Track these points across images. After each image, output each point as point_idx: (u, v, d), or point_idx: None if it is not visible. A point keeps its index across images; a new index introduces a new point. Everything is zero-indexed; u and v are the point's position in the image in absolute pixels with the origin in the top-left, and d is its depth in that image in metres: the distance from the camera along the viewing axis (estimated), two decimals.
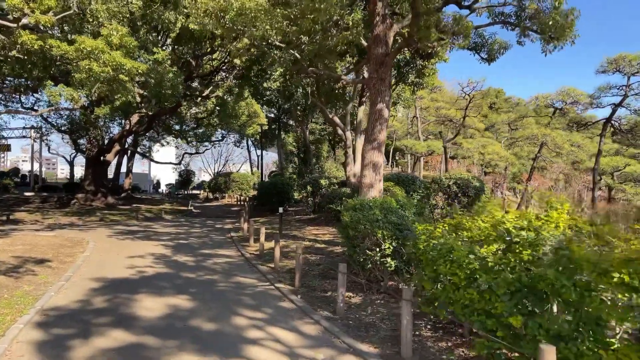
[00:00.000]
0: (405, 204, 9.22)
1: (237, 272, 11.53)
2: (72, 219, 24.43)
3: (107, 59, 14.20)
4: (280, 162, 52.87)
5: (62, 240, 16.05)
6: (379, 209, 8.47)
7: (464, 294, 5.22)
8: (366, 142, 13.12)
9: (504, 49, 15.02)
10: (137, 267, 11.83)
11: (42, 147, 58.05)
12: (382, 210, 8.51)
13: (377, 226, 7.95)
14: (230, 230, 20.77)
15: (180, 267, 12.13)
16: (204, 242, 17.18)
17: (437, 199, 15.00)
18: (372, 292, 8.75)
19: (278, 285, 9.80)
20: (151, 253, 14.14)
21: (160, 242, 16.82)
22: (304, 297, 8.89)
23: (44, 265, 11.73)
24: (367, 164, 13.04)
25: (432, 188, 15.51)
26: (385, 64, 12.85)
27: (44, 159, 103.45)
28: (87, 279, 10.40)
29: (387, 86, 12.99)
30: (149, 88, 24.26)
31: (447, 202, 14.95)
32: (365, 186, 12.99)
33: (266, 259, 13.08)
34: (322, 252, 13.52)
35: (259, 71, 30.74)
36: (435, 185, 15.53)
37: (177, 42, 29.48)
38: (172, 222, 25.31)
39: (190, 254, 14.27)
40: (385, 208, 8.70)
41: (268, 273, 11.17)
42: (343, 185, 22.53)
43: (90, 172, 33.71)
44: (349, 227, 8.47)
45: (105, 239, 17.24)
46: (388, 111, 13.16)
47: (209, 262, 13.01)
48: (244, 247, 15.40)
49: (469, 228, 5.81)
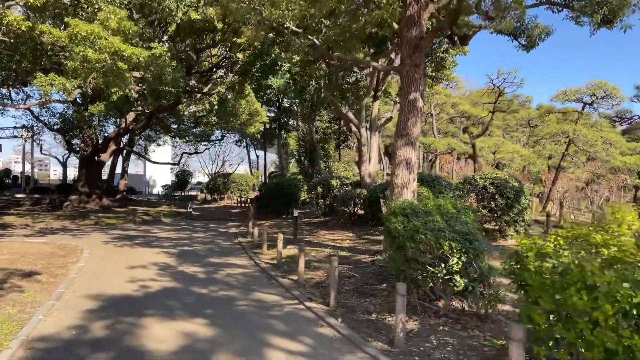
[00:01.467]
0: (462, 209, 7.72)
1: (256, 287, 10.00)
2: (65, 223, 22.79)
3: (103, 44, 12.62)
4: (280, 163, 51.35)
5: (54, 248, 14.45)
6: (439, 215, 6.97)
7: (609, 335, 3.73)
8: (398, 137, 11.63)
9: (545, 35, 13.59)
10: (140, 281, 10.27)
11: (33, 148, 56.17)
12: (443, 216, 7.02)
13: (442, 236, 6.45)
14: (237, 235, 19.22)
15: (189, 280, 10.59)
16: (211, 249, 15.62)
17: (472, 202, 13.51)
18: (428, 314, 7.24)
19: (309, 305, 8.27)
20: (154, 262, 12.58)
21: (162, 249, 15.26)
22: (345, 320, 7.36)
23: (32, 279, 10.15)
24: (399, 161, 11.55)
25: (464, 189, 14.02)
26: (420, 49, 11.38)
27: (36, 160, 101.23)
28: (81, 297, 8.84)
29: (421, 73, 11.52)
30: (147, 82, 22.67)
31: (482, 204, 13.49)
32: (397, 186, 11.50)
33: (285, 270, 11.55)
34: (348, 262, 12.00)
35: (262, 66, 29.23)
36: (467, 185, 14.03)
37: (177, 35, 27.89)
38: (172, 226, 23.71)
39: (198, 263, 12.72)
40: (444, 213, 7.21)
41: (292, 288, 9.65)
42: (357, 186, 21.04)
43: (84, 173, 32.02)
44: (403, 237, 6.95)
45: (101, 245, 15.65)
46: (423, 102, 11.69)
47: (221, 273, 11.47)
48: (257, 255, 13.86)
49: (605, 243, 4.32)
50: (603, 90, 28.27)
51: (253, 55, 27.96)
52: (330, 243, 15.36)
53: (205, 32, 27.68)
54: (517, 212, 13.15)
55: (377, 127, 21.76)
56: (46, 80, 13.06)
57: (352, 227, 18.87)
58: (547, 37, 13.75)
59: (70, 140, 35.99)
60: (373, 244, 14.71)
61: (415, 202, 7.91)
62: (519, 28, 13.38)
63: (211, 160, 73.44)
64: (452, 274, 6.47)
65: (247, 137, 45.20)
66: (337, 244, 15.03)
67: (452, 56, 20.63)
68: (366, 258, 12.18)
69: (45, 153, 68.40)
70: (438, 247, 6.47)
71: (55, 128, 35.79)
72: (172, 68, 21.51)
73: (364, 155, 20.47)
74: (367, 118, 21.46)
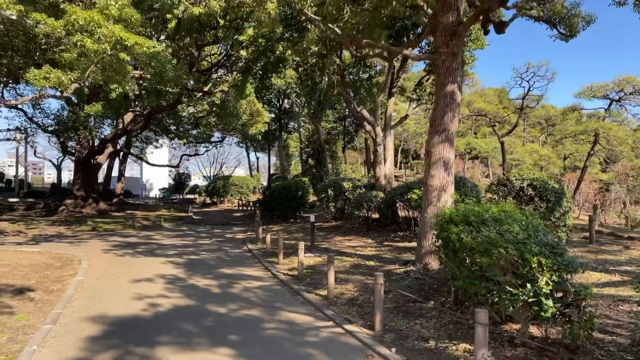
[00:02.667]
0: (531, 216, 6.55)
1: (280, 304, 8.78)
2: (61, 229, 21.49)
3: (104, 33, 11.38)
4: (281, 165, 50.16)
5: (49, 258, 13.18)
6: (516, 223, 5.79)
7: None
8: (433, 134, 10.46)
9: (586, 23, 12.47)
10: (147, 298, 9.04)
11: (27, 150, 54.71)
12: (521, 225, 5.84)
13: (527, 250, 5.26)
14: (245, 242, 17.98)
15: (202, 295, 9.36)
16: (220, 258, 14.38)
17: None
18: (499, 342, 6.05)
19: (350, 329, 7.06)
20: (160, 274, 11.34)
21: (168, 258, 14.02)
22: (400, 350, 6.16)
23: (24, 297, 8.90)
24: (435, 160, 10.39)
25: (498, 191, 12.84)
26: (458, 35, 10.23)
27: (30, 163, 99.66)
28: (82, 319, 7.61)
29: (459, 63, 10.38)
30: (147, 80, 21.44)
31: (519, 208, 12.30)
32: (433, 189, 10.32)
33: (309, 283, 10.34)
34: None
35: (266, 64, 28.03)
36: (501, 187, 12.86)
37: (177, 33, 26.66)
38: (174, 232, 22.44)
39: (209, 275, 11.49)
40: (518, 220, 6.04)
41: (323, 305, 8.43)
42: (371, 188, 19.84)
43: (79, 176, 30.72)
44: (474, 250, 5.77)
45: (101, 255, 14.39)
46: (460, 94, 10.53)
47: (237, 287, 10.24)
48: (273, 265, 12.64)
49: None
50: (632, 85, 27.02)
51: (257, 52, 26.77)
52: (350, 251, 14.16)
53: (207, 28, 26.49)
54: (558, 216, 11.99)
55: (392, 126, 20.59)
56: (40, 74, 11.80)
57: (368, 232, 17.68)
58: (588, 26, 12.65)
59: (66, 142, 34.67)
60: (399, 252, 13.52)
61: (477, 208, 6.73)
62: (559, 14, 12.26)
63: (209, 162, 72.23)
64: (540, 296, 5.28)
65: (248, 138, 43.90)
66: (358, 252, 13.82)
67: (471, 50, 19.51)
68: (397, 269, 10.98)
69: (40, 156, 67.05)
70: (523, 264, 5.28)
71: (49, 130, 34.44)
72: (173, 65, 20.32)
73: (379, 156, 19.28)
74: (380, 116, 20.29)
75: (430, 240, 10.22)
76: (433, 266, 10.13)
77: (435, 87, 10.69)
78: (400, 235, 16.25)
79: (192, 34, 26.64)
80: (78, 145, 31.30)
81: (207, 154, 58.32)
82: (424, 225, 10.46)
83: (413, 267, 10.52)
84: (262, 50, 26.77)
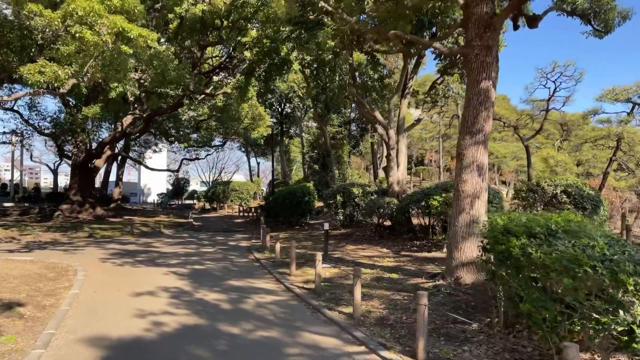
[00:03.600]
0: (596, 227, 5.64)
1: (301, 323, 7.81)
2: (56, 235, 20.48)
3: (104, 24, 10.46)
4: (283, 170, 49.23)
5: (42, 268, 12.19)
6: (598, 236, 4.88)
7: None
8: (465, 135, 9.56)
9: (622, 19, 11.63)
10: (150, 315, 8.08)
11: (23, 154, 53.67)
12: (598, 238, 4.92)
13: (621, 270, 4.33)
14: (251, 250, 17.00)
15: (211, 312, 8.39)
16: (226, 268, 13.41)
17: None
18: None
19: (388, 356, 6.11)
20: (163, 287, 10.37)
21: (170, 267, 13.05)
22: None
23: (13, 313, 7.92)
24: (467, 164, 9.48)
25: (528, 197, 11.93)
26: (493, 27, 9.37)
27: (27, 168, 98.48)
28: (77, 342, 6.65)
29: (494, 57, 9.51)
30: (149, 81, 20.54)
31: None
32: (466, 196, 9.40)
33: (329, 298, 9.36)
34: (404, 287, 9.86)
35: (270, 66, 27.16)
36: (531, 194, 11.95)
37: (179, 33, 25.80)
38: (174, 239, 21.45)
39: (217, 287, 10.52)
40: (590, 233, 5.12)
41: (350, 326, 7.46)
42: (384, 194, 18.92)
43: (76, 180, 29.71)
44: (547, 268, 4.83)
45: (98, 264, 13.40)
46: (495, 92, 9.65)
47: (249, 302, 9.27)
48: (284, 276, 11.67)
49: None
50: None
51: (262, 53, 25.91)
52: (366, 261, 13.20)
53: (210, 28, 25.64)
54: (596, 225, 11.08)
55: (405, 130, 19.69)
56: (34, 68, 10.86)
57: (381, 241, 16.74)
58: (624, 22, 11.81)
59: (62, 146, 33.67)
60: (421, 263, 12.59)
61: (540, 218, 5.82)
62: (594, 10, 11.42)
63: (209, 167, 71.25)
64: (634, 325, 4.35)
65: (250, 143, 42.98)
66: (376, 263, 12.87)
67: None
68: (424, 283, 10.04)
69: (36, 160, 66.00)
70: (616, 286, 4.35)
71: (46, 132, 33.44)
72: (175, 65, 19.45)
73: (392, 161, 18.35)
74: (393, 119, 19.36)
75: (464, 251, 9.30)
76: (466, 280, 9.19)
77: (468, 84, 9.81)
78: (417, 244, 15.31)
79: (195, 34, 25.81)
80: (75, 148, 30.30)
81: (206, 159, 57.30)
82: (455, 235, 9.54)
83: (443, 281, 9.57)
84: (267, 51, 25.94)
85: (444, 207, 13.23)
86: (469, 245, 9.33)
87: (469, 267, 9.26)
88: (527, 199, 11.84)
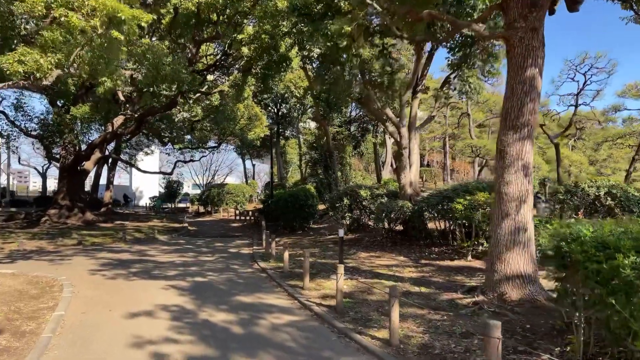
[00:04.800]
0: None
1: (329, 352, 6.55)
2: (42, 243, 19.06)
3: (93, 6, 9.18)
4: (279, 172, 47.95)
5: (24, 283, 10.86)
6: None
7: None
8: (508, 130, 8.39)
9: None
10: (149, 343, 6.80)
11: (10, 157, 52.01)
12: None
13: None
14: (254, 257, 15.73)
15: (221, 339, 7.12)
16: (231, 280, 12.13)
17: (580, 217, 10.29)
18: None
19: None
20: (162, 305, 9.08)
21: (168, 280, 11.75)
22: None
23: None
24: (511, 163, 8.31)
25: (565, 200, 10.78)
26: (540, 6, 8.22)
27: (16, 172, 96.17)
28: None
29: (541, 41, 8.37)
30: (142, 77, 19.22)
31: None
32: (510, 199, 8.22)
33: (354, 318, 8.10)
34: (436, 304, 8.64)
35: (269, 63, 25.90)
36: (569, 196, 10.80)
37: (173, 29, 24.51)
38: (170, 246, 20.11)
39: (223, 305, 9.24)
40: None
41: (389, 355, 6.24)
42: (394, 197, 17.72)
43: (64, 184, 28.26)
44: None
45: (87, 277, 12.07)
46: (541, 80, 8.49)
47: (263, 323, 7.99)
48: (297, 290, 10.41)
49: None
50: None
51: (260, 49, 24.65)
52: (385, 272, 11.99)
53: (205, 23, 24.38)
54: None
55: (417, 128, 18.55)
56: (14, 57, 9.54)
57: (395, 247, 15.56)
58: None
59: (50, 147, 32.13)
60: (447, 273, 11.39)
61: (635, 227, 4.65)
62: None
63: (203, 169, 69.80)
64: None
65: (246, 144, 41.66)
66: (396, 274, 11.65)
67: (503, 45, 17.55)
68: (461, 298, 8.84)
69: (24, 163, 64.27)
70: None
71: (33, 134, 31.89)
72: (170, 60, 18.18)
73: (404, 161, 17.16)
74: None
75: (508, 263, 8.11)
76: (512, 297, 8.01)
77: (509, 72, 8.64)
78: (436, 251, 14.13)
79: (190, 30, 24.55)
80: (63, 150, 28.83)
81: (200, 161, 55.86)
82: (497, 244, 8.35)
83: (483, 297, 8.38)
84: (265, 47, 24.70)
85: (469, 212, 12.05)
86: (514, 256, 8.16)
87: (515, 282, 8.09)
88: (565, 202, 10.69)
